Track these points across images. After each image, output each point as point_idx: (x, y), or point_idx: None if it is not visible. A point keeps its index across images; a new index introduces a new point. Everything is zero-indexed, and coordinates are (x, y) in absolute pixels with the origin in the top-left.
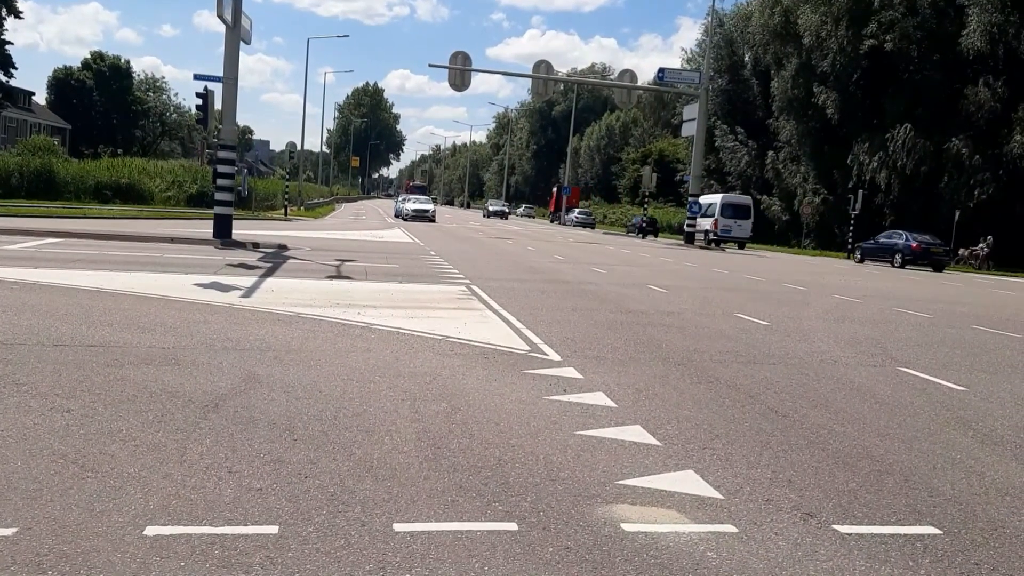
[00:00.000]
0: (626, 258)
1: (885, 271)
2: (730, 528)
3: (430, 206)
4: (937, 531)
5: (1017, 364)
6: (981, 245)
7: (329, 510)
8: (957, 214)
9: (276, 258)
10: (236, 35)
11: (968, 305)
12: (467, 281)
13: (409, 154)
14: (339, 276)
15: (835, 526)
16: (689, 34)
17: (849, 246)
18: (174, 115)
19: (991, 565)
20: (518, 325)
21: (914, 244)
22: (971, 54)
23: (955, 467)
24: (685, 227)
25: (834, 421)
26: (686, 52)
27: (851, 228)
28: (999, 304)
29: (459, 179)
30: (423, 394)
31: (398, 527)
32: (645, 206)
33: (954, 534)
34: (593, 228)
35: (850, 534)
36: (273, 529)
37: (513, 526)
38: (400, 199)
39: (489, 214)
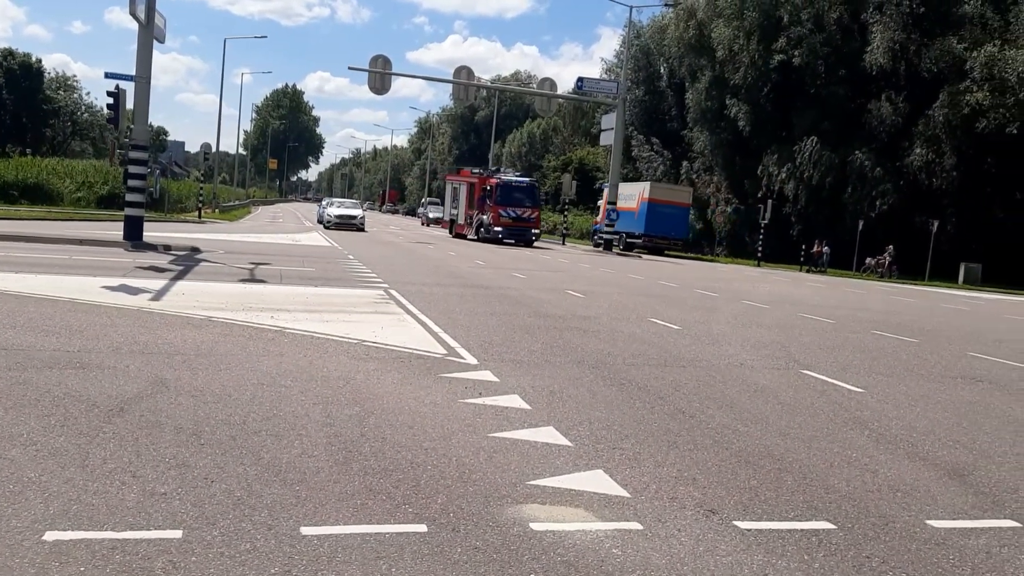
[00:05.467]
0: (546, 264)
1: (793, 276)
2: (635, 526)
3: (357, 211)
4: (832, 526)
5: (913, 367)
6: (885, 254)
7: (235, 514)
8: (860, 224)
9: (188, 261)
10: (149, 33)
11: (869, 311)
12: (385, 285)
13: (328, 157)
14: (253, 279)
15: (736, 522)
16: (609, 43)
17: (759, 254)
18: (85, 114)
19: (881, 558)
20: (436, 329)
21: None
22: (874, 70)
23: (850, 465)
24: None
25: (738, 421)
26: (605, 62)
27: (761, 236)
28: (898, 310)
29: (380, 183)
30: (336, 398)
31: (305, 530)
32: (565, 213)
33: (847, 529)
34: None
35: (750, 530)
36: (177, 534)
37: (423, 527)
38: (324, 203)
39: (429, 221)
